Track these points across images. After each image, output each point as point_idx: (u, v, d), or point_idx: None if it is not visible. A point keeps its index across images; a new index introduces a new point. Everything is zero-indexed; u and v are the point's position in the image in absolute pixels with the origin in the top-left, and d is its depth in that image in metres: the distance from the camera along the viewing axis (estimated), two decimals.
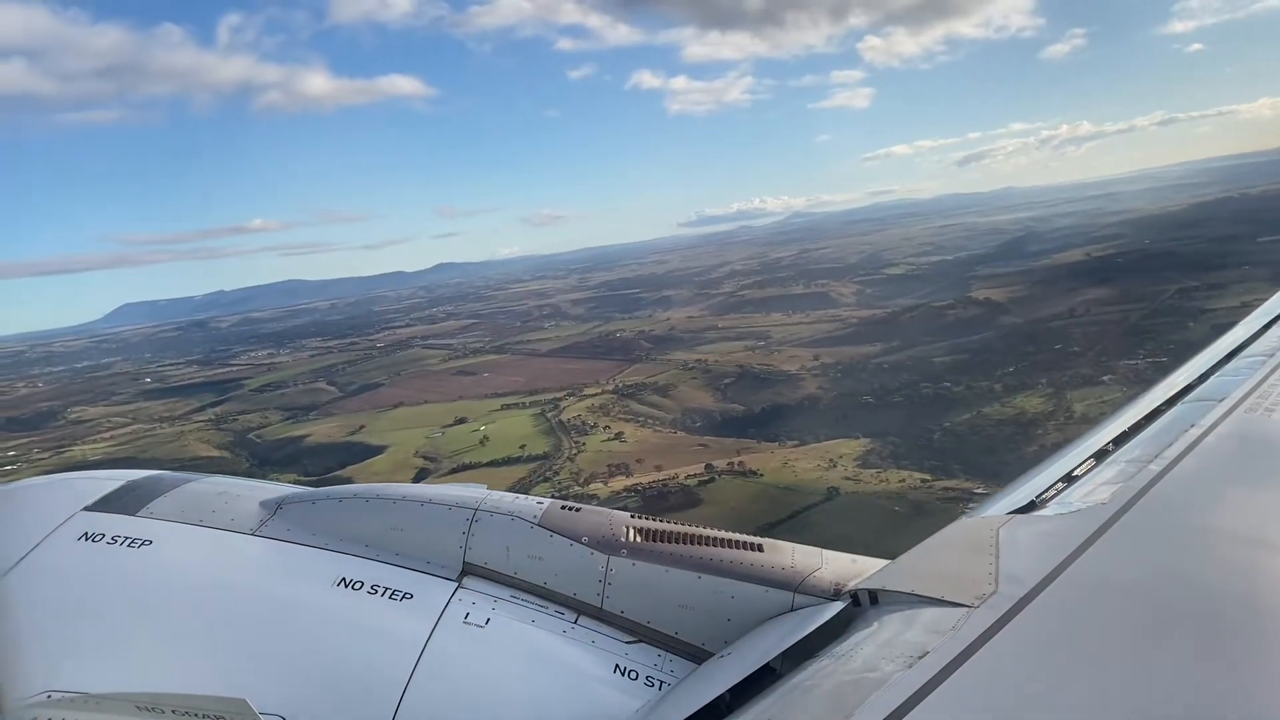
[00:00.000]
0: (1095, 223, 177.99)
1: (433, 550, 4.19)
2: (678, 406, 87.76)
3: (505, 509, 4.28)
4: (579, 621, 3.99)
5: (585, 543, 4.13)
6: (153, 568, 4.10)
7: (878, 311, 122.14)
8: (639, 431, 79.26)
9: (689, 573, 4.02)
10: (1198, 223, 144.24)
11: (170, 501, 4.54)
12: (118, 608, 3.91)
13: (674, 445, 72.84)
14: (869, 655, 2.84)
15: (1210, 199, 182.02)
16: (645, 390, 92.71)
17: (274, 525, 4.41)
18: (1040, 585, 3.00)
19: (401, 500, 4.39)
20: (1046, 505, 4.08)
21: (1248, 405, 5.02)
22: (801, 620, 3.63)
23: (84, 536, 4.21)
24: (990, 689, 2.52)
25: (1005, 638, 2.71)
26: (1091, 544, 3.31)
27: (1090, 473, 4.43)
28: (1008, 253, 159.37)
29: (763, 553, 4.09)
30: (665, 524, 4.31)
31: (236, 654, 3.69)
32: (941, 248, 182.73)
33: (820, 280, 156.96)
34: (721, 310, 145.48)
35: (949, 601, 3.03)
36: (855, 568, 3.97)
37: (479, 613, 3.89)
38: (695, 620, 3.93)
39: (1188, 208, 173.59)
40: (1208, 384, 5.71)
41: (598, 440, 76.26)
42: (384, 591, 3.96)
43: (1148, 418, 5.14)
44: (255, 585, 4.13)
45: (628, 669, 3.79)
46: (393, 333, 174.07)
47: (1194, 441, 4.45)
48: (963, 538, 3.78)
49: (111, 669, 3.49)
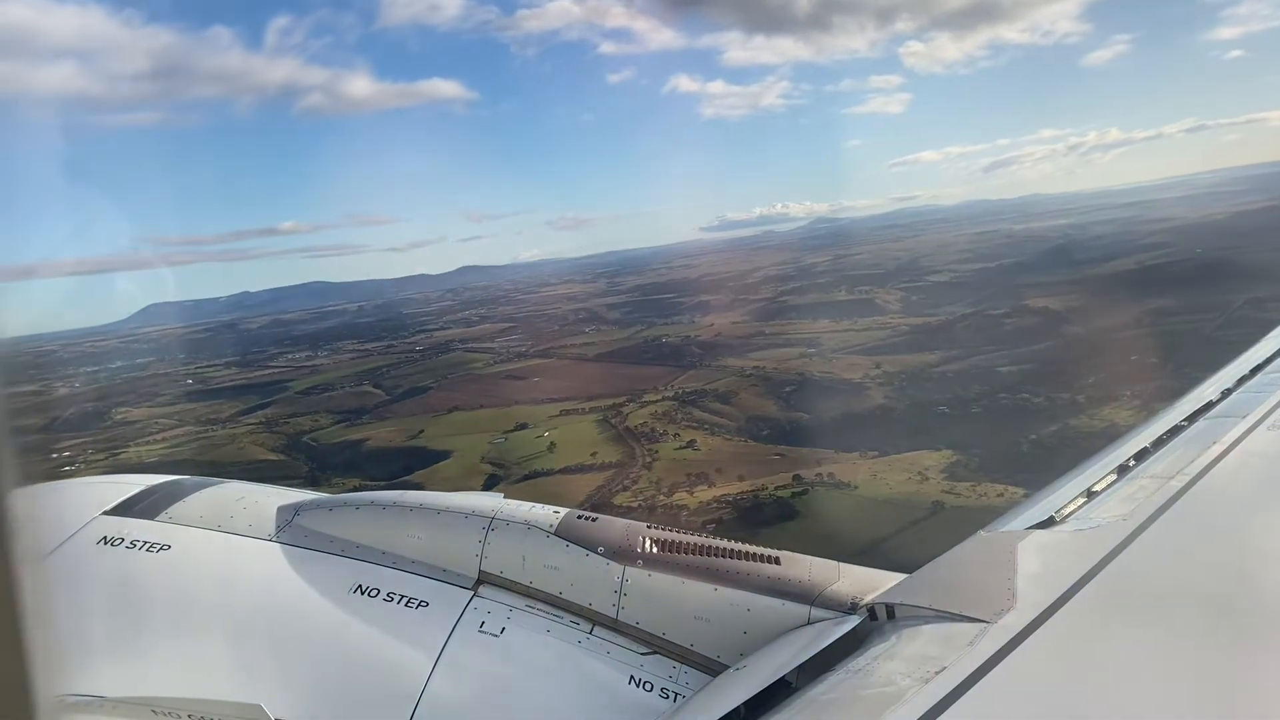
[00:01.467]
0: (1136, 230, 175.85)
1: (449, 558, 4.19)
2: (741, 414, 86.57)
3: (521, 518, 4.30)
4: (594, 632, 4.00)
5: (601, 553, 4.13)
6: (171, 572, 4.15)
7: (929, 319, 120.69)
8: (709, 439, 77.98)
9: (705, 584, 4.01)
10: (1247, 231, 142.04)
11: (189, 506, 4.55)
12: (136, 611, 3.97)
13: (749, 454, 71.61)
14: (886, 670, 2.84)
15: (1255, 207, 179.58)
16: (706, 397, 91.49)
17: (291, 531, 4.42)
18: (1059, 601, 2.98)
19: (418, 508, 4.38)
20: (1066, 521, 4.05)
21: (1270, 422, 4.96)
22: (818, 634, 3.63)
23: (103, 540, 4.24)
24: (1007, 705, 2.52)
25: (1023, 653, 2.69)
26: (1111, 560, 3.27)
27: (1110, 488, 4.41)
28: (1052, 261, 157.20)
29: (780, 565, 4.09)
30: (682, 535, 4.31)
31: (253, 659, 3.73)
32: (982, 255, 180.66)
33: (862, 286, 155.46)
34: (764, 316, 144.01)
35: (966, 616, 3.01)
36: (873, 581, 3.97)
37: (494, 622, 3.92)
38: (711, 632, 3.90)
39: (1231, 216, 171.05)
40: (1230, 400, 5.69)
41: (670, 448, 75.00)
42: (400, 599, 3.99)
43: (1169, 433, 5.13)
44: (272, 591, 4.15)
45: (643, 680, 3.80)
46: (428, 336, 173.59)
47: (1216, 458, 4.41)
48: (981, 552, 3.81)
49: (128, 672, 3.49)
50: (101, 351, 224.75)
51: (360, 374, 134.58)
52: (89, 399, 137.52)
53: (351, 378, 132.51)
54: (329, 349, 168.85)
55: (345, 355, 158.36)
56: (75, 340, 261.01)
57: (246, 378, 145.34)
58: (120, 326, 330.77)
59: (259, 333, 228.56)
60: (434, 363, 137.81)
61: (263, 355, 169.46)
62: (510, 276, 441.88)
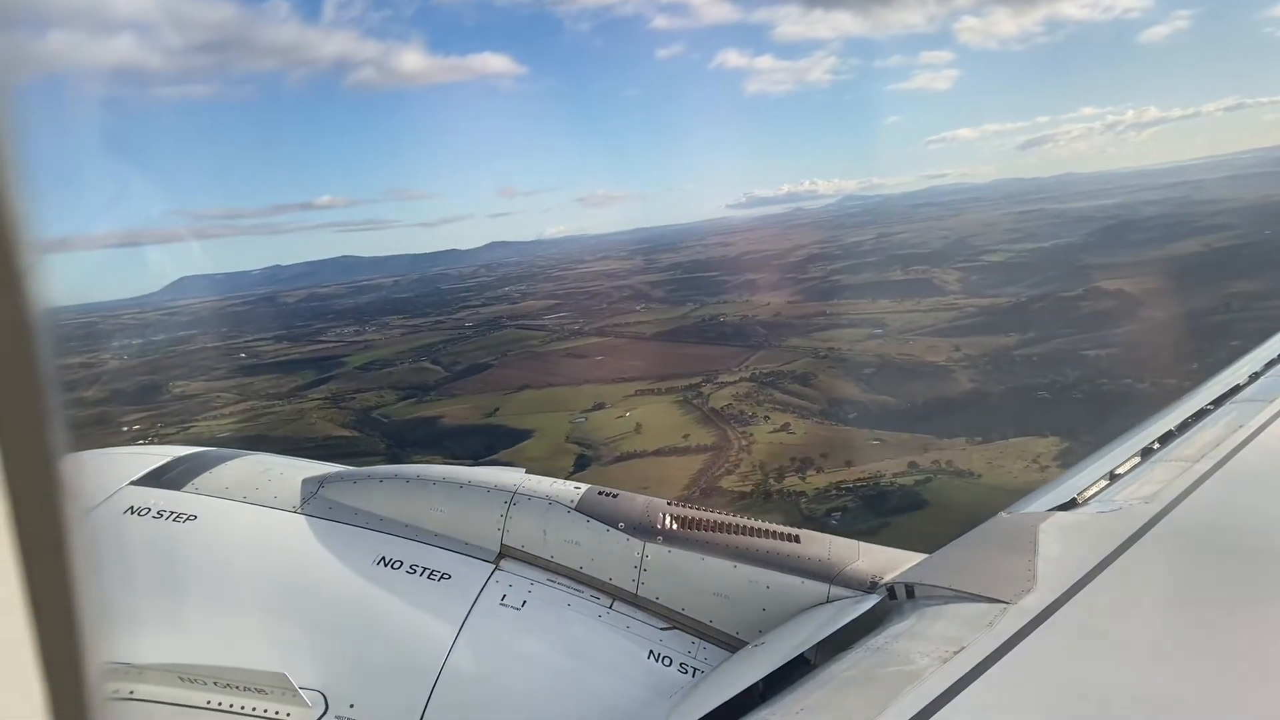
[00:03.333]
0: (1190, 211, 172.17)
1: (471, 532, 4.20)
2: (823, 397, 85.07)
3: (543, 493, 4.31)
4: (614, 606, 4.01)
5: (622, 528, 4.14)
6: (197, 542, 4.16)
7: (994, 300, 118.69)
8: (801, 423, 76.73)
9: (725, 561, 4.02)
10: None
11: (215, 477, 4.53)
12: (161, 580, 3.98)
13: (846, 439, 70.19)
14: (904, 649, 2.86)
15: None
16: (784, 379, 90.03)
17: (316, 503, 4.41)
18: (1079, 583, 2.99)
19: (441, 482, 4.38)
20: (1088, 503, 4.03)
21: None
22: (837, 612, 3.63)
23: (130, 510, 4.22)
24: (1026, 685, 2.54)
25: (1042, 634, 2.71)
26: (1133, 543, 3.28)
27: (1133, 471, 4.40)
28: (1110, 241, 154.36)
29: (799, 544, 4.10)
30: (702, 512, 4.31)
31: (277, 629, 3.77)
32: (1033, 235, 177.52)
33: (916, 266, 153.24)
34: (820, 296, 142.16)
35: (986, 597, 3.03)
36: (892, 561, 3.96)
37: (515, 595, 3.93)
38: (730, 609, 3.93)
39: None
40: (1257, 384, 5.64)
41: (763, 431, 73.67)
42: (422, 571, 3.98)
43: (1194, 417, 5.10)
44: (296, 562, 4.18)
45: (661, 655, 3.82)
46: (474, 312, 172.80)
47: (1242, 442, 4.36)
48: (1002, 534, 3.80)
49: (154, 640, 3.52)
50: (142, 324, 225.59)
51: (415, 350, 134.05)
52: (143, 372, 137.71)
53: (407, 354, 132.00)
54: (376, 324, 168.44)
55: (395, 331, 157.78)
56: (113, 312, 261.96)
57: (299, 352, 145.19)
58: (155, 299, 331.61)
59: (298, 307, 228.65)
60: (488, 340, 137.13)
61: (308, 330, 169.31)
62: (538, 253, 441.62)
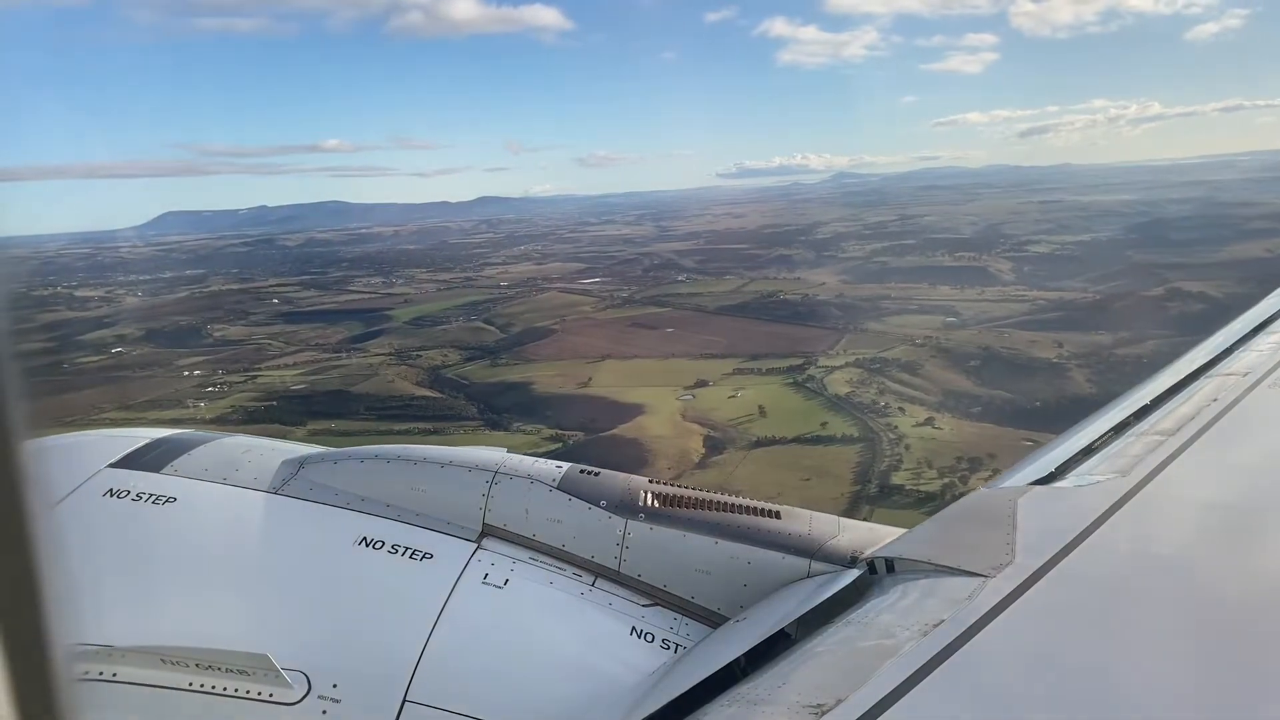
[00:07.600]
0: (1226, 213, 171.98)
1: (453, 511, 4.17)
2: (935, 388, 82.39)
3: (525, 472, 4.30)
4: (596, 584, 4.02)
5: (604, 506, 4.13)
6: (176, 524, 4.11)
7: (1064, 294, 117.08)
8: (943, 418, 73.17)
9: (706, 538, 4.02)
10: None
11: (194, 459, 4.48)
12: (142, 563, 3.97)
13: (996, 438, 66.83)
14: (884, 623, 2.89)
15: None
16: (889, 366, 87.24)
17: (296, 484, 4.36)
18: (1057, 556, 3.01)
19: (422, 462, 4.36)
20: (1067, 477, 4.05)
21: (1271, 380, 4.94)
22: (817, 587, 3.65)
23: (109, 493, 4.18)
24: (1004, 658, 2.57)
25: (1020, 608, 2.74)
26: (1110, 516, 3.30)
27: (1111, 445, 4.38)
28: (1154, 240, 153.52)
29: (780, 519, 4.11)
30: (683, 489, 4.32)
31: (259, 610, 3.75)
32: (1065, 226, 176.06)
33: (963, 253, 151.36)
34: (868, 278, 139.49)
35: (965, 571, 3.04)
36: (872, 536, 3.99)
37: (498, 573, 3.93)
38: (712, 585, 3.95)
39: None
40: (1231, 358, 5.64)
41: (908, 424, 70.53)
42: (404, 551, 3.97)
43: (1170, 391, 5.09)
44: (277, 543, 4.18)
45: (644, 631, 3.83)
46: (501, 270, 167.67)
47: (1216, 416, 4.38)
48: (981, 508, 3.80)
49: (135, 623, 3.50)
50: (141, 258, 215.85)
51: (461, 308, 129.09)
52: (169, 311, 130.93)
53: (454, 311, 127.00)
54: (401, 277, 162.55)
55: (425, 285, 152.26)
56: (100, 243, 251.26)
57: (334, 302, 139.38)
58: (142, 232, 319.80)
59: (300, 251, 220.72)
60: (534, 302, 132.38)
61: (328, 278, 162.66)
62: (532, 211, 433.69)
